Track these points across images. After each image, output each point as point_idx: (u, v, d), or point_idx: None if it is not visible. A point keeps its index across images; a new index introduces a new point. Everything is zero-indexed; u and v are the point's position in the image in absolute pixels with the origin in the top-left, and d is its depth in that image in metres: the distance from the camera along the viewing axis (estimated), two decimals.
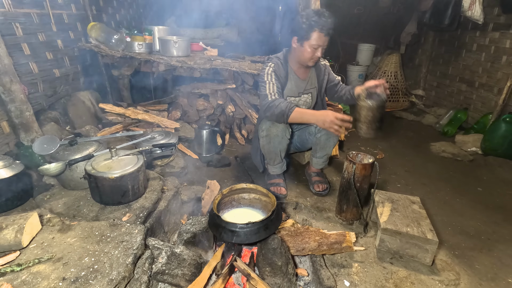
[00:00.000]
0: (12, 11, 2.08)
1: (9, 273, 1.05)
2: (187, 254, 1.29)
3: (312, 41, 1.79)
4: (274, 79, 1.89)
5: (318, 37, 1.77)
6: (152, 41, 3.08)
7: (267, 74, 1.91)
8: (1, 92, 1.85)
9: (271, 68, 1.93)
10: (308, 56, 1.86)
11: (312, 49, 1.82)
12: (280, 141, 1.95)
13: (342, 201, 1.75)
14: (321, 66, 2.08)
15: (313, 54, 1.84)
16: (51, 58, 2.49)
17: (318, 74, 2.09)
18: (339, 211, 1.81)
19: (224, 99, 2.95)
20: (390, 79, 4.46)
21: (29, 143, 1.97)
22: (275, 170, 2.15)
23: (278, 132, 1.92)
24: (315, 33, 1.76)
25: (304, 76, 2.05)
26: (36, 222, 1.25)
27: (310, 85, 2.08)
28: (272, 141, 1.96)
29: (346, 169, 1.69)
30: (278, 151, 2.02)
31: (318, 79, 2.10)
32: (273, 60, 1.98)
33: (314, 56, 1.85)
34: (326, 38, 1.80)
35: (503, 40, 3.21)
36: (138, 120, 2.71)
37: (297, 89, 2.04)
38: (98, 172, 1.44)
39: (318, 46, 1.81)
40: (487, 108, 3.39)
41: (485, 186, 2.40)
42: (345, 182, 1.70)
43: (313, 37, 1.78)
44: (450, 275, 1.42)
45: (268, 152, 2.06)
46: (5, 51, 1.83)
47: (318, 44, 1.80)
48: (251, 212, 1.61)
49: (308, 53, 1.84)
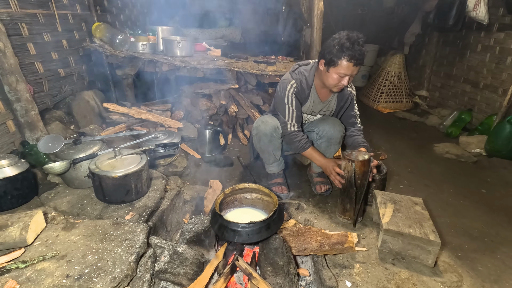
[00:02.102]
0: (18, 11, 2.11)
1: (14, 270, 1.07)
2: (189, 253, 1.30)
3: (339, 68, 1.67)
4: (294, 104, 1.87)
5: (346, 66, 1.65)
6: (156, 41, 3.10)
7: (288, 96, 1.86)
8: (7, 92, 1.87)
9: (292, 89, 1.86)
10: (333, 83, 1.75)
11: (338, 77, 1.71)
12: (270, 139, 1.98)
13: (345, 200, 1.75)
14: (346, 92, 1.97)
15: (339, 81, 1.73)
16: (56, 58, 2.52)
17: (340, 99, 2.00)
18: (342, 211, 1.81)
19: (227, 99, 2.96)
20: (394, 80, 4.44)
21: (34, 142, 1.99)
22: (271, 169, 2.16)
23: (266, 131, 1.95)
24: (344, 61, 1.64)
25: (325, 97, 1.98)
26: (40, 220, 1.27)
27: (327, 108, 2.04)
28: (261, 140, 2.00)
29: (345, 168, 1.69)
30: (270, 150, 2.03)
31: (338, 105, 2.03)
32: (298, 76, 1.89)
33: (340, 84, 1.74)
34: (356, 68, 1.67)
35: (508, 41, 3.19)
36: (142, 120, 2.73)
37: (313, 108, 2.02)
38: (102, 171, 1.45)
39: (345, 75, 1.69)
40: (491, 109, 3.37)
41: (489, 187, 2.38)
42: (346, 181, 1.71)
43: (341, 65, 1.66)
44: (452, 277, 1.41)
45: (261, 151, 2.09)
46: (11, 51, 1.85)
47: (345, 74, 1.68)
48: (253, 212, 1.61)
49: (334, 80, 1.73)
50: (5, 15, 1.98)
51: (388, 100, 4.47)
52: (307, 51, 3.11)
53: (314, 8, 2.67)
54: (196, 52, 3.22)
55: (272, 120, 1.98)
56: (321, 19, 2.72)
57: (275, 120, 1.98)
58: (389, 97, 4.47)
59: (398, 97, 4.47)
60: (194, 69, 2.90)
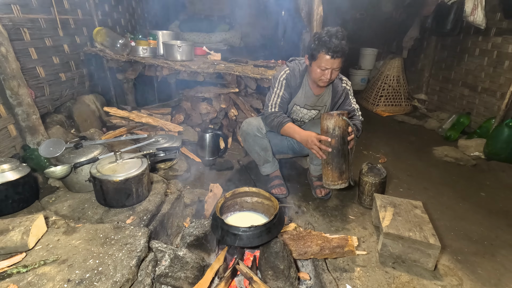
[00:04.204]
0: (20, 16, 2.12)
1: (15, 274, 1.07)
2: (190, 257, 1.30)
3: (319, 62, 1.73)
4: (283, 89, 1.91)
5: (325, 59, 1.71)
6: (157, 46, 3.12)
7: (279, 81, 1.91)
8: (8, 96, 1.88)
9: (285, 74, 1.91)
10: (316, 77, 1.81)
11: (320, 70, 1.76)
12: (254, 139, 2.01)
13: (339, 162, 1.67)
14: (340, 88, 1.97)
15: (322, 75, 1.78)
16: (57, 62, 2.53)
17: (334, 95, 1.99)
18: (338, 176, 1.69)
19: (227, 103, 2.97)
20: (393, 83, 4.47)
21: (35, 146, 2.00)
22: (264, 170, 2.19)
23: (249, 131, 2.00)
24: (322, 54, 1.70)
25: (318, 91, 1.99)
26: (41, 224, 1.27)
27: (321, 103, 2.03)
28: (246, 140, 2.06)
29: (336, 125, 1.62)
30: (256, 149, 2.06)
31: (332, 100, 2.02)
32: (291, 65, 1.95)
33: (323, 78, 1.78)
34: (335, 61, 1.71)
35: (506, 45, 3.21)
36: (142, 124, 2.74)
37: (305, 100, 2.01)
38: (102, 175, 1.46)
39: (326, 68, 1.74)
40: (490, 112, 3.39)
41: (488, 191, 2.39)
42: (339, 139, 1.64)
43: (320, 59, 1.72)
44: (452, 280, 1.42)
45: (250, 152, 2.14)
46: (13, 55, 1.87)
47: (325, 66, 1.73)
48: (254, 215, 1.62)
49: (316, 74, 1.79)
50: (7, 20, 2.00)
51: (387, 103, 4.50)
52: None
53: (313, 13, 2.70)
54: (196, 56, 3.24)
55: (255, 121, 2.04)
56: (320, 23, 2.75)
57: (258, 120, 2.04)
58: (388, 101, 4.49)
59: (397, 101, 4.50)
60: (194, 73, 2.92)
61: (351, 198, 2.14)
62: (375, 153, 3.02)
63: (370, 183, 1.96)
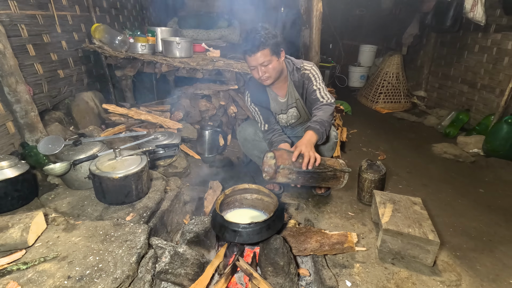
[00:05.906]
0: (17, 12, 2.11)
1: (15, 271, 1.07)
2: (190, 254, 1.30)
3: (248, 63, 1.74)
4: (257, 109, 1.94)
5: (247, 60, 1.71)
6: (155, 42, 3.10)
7: (250, 107, 1.98)
8: (7, 93, 1.87)
9: (249, 98, 1.96)
10: (256, 78, 1.78)
11: (252, 71, 1.76)
12: (253, 143, 2.05)
13: (308, 180, 1.61)
14: (298, 77, 1.86)
15: (256, 75, 1.75)
16: (55, 59, 2.51)
17: (297, 86, 1.90)
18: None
19: (226, 100, 2.96)
20: (392, 80, 4.46)
21: (34, 143, 1.99)
22: None
23: (246, 136, 2.05)
24: (245, 57, 1.71)
25: (282, 92, 1.94)
26: (41, 221, 1.27)
27: (292, 100, 1.96)
28: (245, 145, 2.10)
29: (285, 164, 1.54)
30: (256, 153, 2.07)
31: (298, 92, 1.93)
32: (249, 83, 1.97)
33: (262, 77, 1.73)
34: (255, 57, 1.66)
35: (505, 42, 3.21)
36: (141, 121, 2.73)
37: (278, 106, 1.98)
38: (102, 172, 1.46)
39: (254, 67, 1.72)
40: (489, 109, 3.39)
41: (487, 187, 2.40)
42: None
43: (246, 60, 1.73)
44: (451, 276, 1.43)
45: (250, 156, 2.16)
46: (11, 52, 1.85)
47: (251, 65, 1.72)
48: (254, 212, 1.62)
49: (253, 74, 1.77)
50: (4, 17, 1.98)
51: (386, 100, 4.49)
52: (305, 51, 3.12)
53: (313, 9, 2.68)
54: (195, 53, 3.22)
55: (251, 126, 2.06)
56: (320, 20, 2.74)
57: (254, 125, 2.05)
58: (387, 98, 4.49)
59: (396, 98, 4.50)
60: (193, 70, 2.90)
61: (351, 195, 2.14)
62: (374, 150, 3.02)
63: (370, 179, 1.96)
